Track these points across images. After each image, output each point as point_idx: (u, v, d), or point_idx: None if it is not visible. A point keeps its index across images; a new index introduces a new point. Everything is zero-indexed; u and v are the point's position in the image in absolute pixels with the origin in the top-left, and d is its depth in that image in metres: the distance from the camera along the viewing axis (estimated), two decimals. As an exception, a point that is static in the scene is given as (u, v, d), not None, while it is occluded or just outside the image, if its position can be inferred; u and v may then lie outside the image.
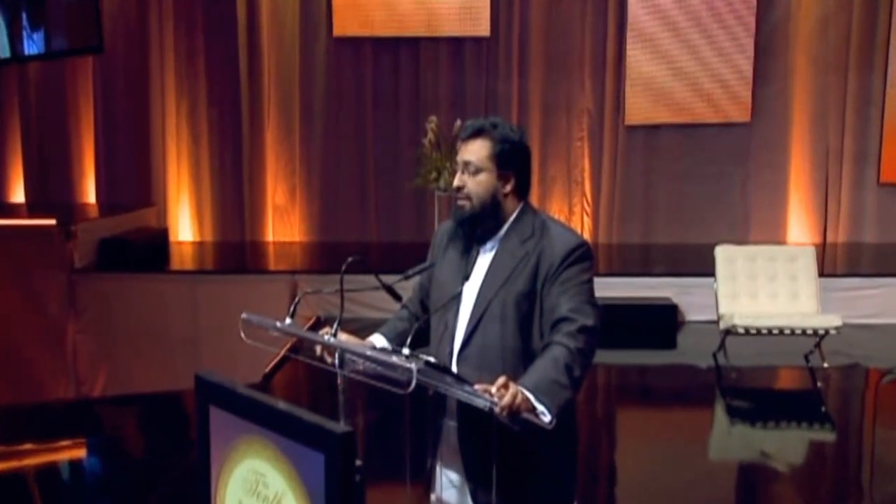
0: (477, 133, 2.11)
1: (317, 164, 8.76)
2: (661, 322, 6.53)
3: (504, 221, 2.11)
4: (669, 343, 6.46)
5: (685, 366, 6.04)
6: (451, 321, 2.12)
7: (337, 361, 2.00)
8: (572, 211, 8.53)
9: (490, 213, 2.10)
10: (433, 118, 6.58)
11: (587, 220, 8.57)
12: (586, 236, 8.30)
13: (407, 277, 2.18)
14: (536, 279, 2.05)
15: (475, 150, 2.10)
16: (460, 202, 2.12)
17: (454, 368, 2.07)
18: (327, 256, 8.21)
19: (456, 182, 2.12)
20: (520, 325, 2.04)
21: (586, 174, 8.59)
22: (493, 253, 2.12)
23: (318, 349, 2.09)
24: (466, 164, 2.10)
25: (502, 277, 2.06)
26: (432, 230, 7.07)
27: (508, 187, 2.12)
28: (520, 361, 2.02)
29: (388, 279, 2.16)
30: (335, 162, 8.76)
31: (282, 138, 8.74)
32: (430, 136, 6.49)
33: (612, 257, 7.95)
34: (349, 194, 8.78)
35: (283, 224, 8.78)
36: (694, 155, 8.53)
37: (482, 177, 2.09)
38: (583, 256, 2.08)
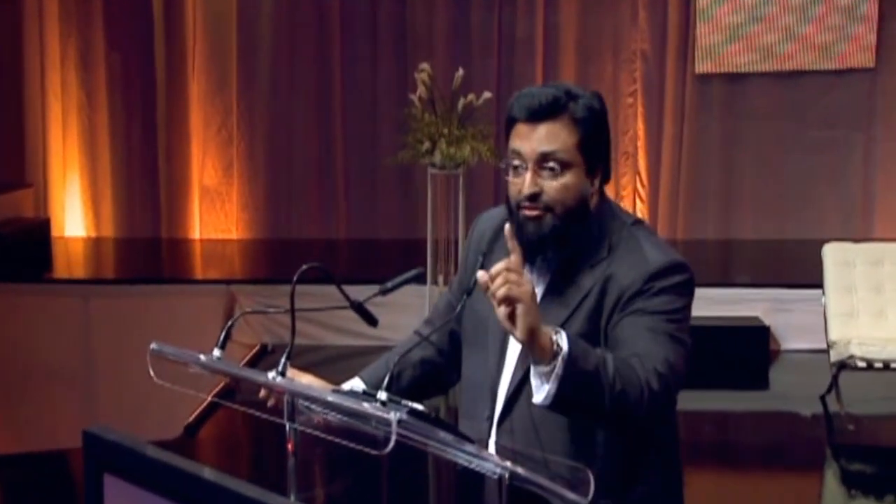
0: (554, 108, 2.02)
1: (262, 130, 8.74)
2: (747, 351, 6.51)
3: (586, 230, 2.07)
4: (759, 381, 6.44)
5: (782, 413, 6.03)
6: (492, 371, 2.09)
7: (286, 410, 1.98)
8: (620, 195, 8.50)
9: (577, 225, 2.05)
10: (425, 66, 6.54)
11: (641, 208, 8.55)
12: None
13: (385, 291, 2.15)
14: (601, 315, 2.02)
15: (557, 136, 2.02)
16: (530, 213, 2.03)
17: (492, 437, 2.06)
18: (276, 260, 8.19)
19: (528, 187, 2.02)
20: None
21: (640, 143, 8.58)
22: (547, 277, 2.09)
23: (262, 392, 2.08)
24: (544, 157, 2.02)
25: (560, 315, 2.04)
26: (422, 222, 7.16)
27: (596, 183, 2.09)
28: (582, 436, 2.01)
29: (360, 292, 2.14)
30: (287, 127, 8.73)
31: (212, 94, 8.72)
32: (422, 90, 6.45)
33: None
34: (307, 173, 8.77)
35: (216, 214, 8.77)
36: (794, 115, 8.51)
37: (569, 176, 2.03)
38: (672, 284, 2.01)
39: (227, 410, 5.53)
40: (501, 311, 1.81)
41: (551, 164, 2.03)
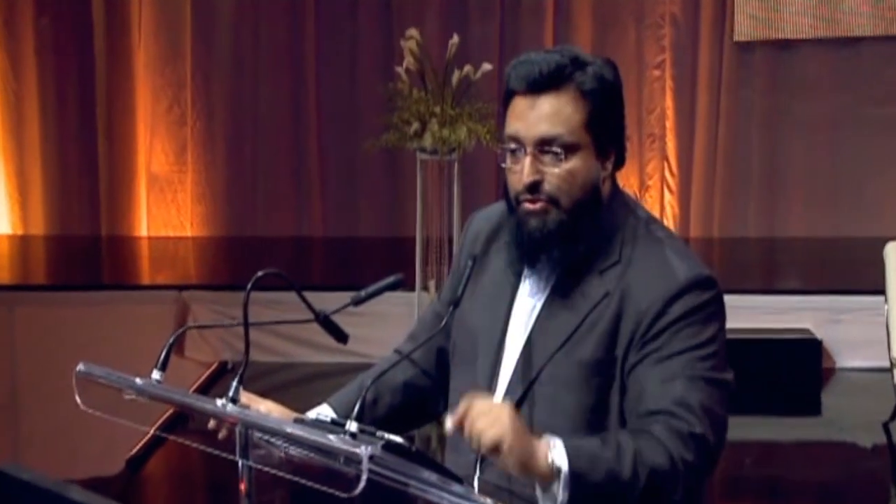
0: (557, 78, 2.04)
1: (221, 109, 8.72)
2: (795, 370, 6.50)
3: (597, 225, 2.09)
4: (810, 405, 6.44)
5: (836, 443, 6.02)
6: (481, 389, 2.11)
7: (238, 444, 1.97)
8: (645, 185, 8.51)
9: (588, 217, 2.07)
10: (414, 33, 6.53)
11: (670, 200, 8.55)
12: (669, 227, 8.26)
13: (358, 302, 2.15)
14: (616, 341, 2.04)
15: (560, 114, 2.04)
16: (532, 207, 2.06)
17: (477, 469, 2.08)
18: (237, 262, 8.17)
19: (526, 175, 2.04)
20: (589, 410, 2.05)
21: (669, 123, 8.57)
22: (550, 284, 2.11)
23: (212, 422, 2.08)
24: (545, 141, 2.04)
25: (562, 333, 2.06)
26: (411, 217, 7.13)
27: (609, 167, 2.11)
28: None
29: (337, 301, 2.14)
30: (252, 105, 8.72)
31: (162, 65, 8.71)
32: (410, 61, 6.44)
33: (713, 262, 7.92)
34: (275, 159, 8.75)
35: (166, 207, 8.76)
36: (852, 89, 8.50)
37: (575, 161, 2.06)
38: (699, 303, 2.04)
39: (177, 446, 5.51)
40: (485, 450, 1.86)
41: (554, 148, 2.04)
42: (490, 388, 2.12)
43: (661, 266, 2.06)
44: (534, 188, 2.04)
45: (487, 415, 1.86)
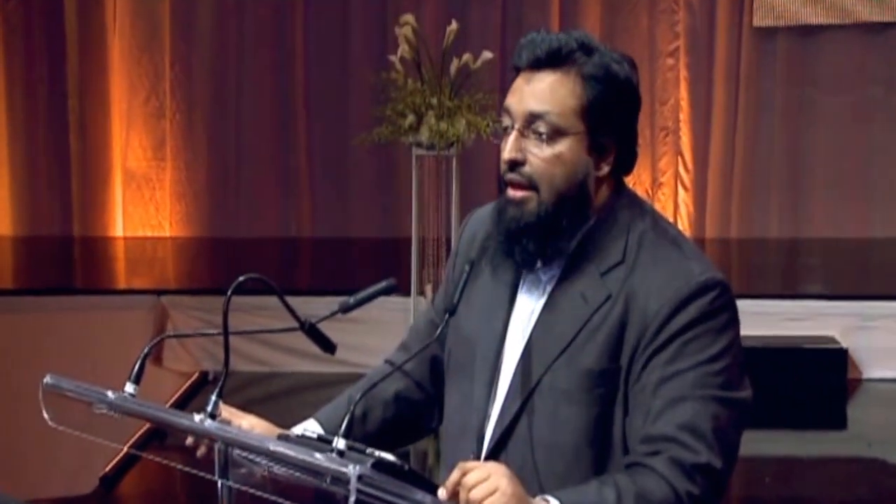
0: (556, 57, 2.07)
1: (202, 101, 8.73)
2: (819, 380, 6.51)
3: (584, 227, 2.10)
4: (835, 418, 6.45)
5: (863, 459, 6.02)
6: (478, 407, 2.14)
7: (217, 462, 1.97)
8: (658, 182, 8.51)
9: (571, 215, 2.08)
10: (409, 18, 6.53)
11: (685, 198, 8.57)
12: (684, 227, 8.28)
13: (346, 309, 2.15)
14: (620, 349, 2.04)
15: (554, 93, 2.07)
16: (514, 194, 2.08)
17: None
18: (220, 264, 8.17)
19: (508, 152, 2.07)
20: (591, 422, 2.05)
21: (684, 115, 8.58)
22: (549, 287, 2.11)
23: (189, 439, 2.09)
24: (532, 117, 2.06)
25: (562, 339, 2.06)
26: (406, 216, 7.12)
27: (605, 167, 2.10)
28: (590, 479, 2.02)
29: (327, 306, 2.15)
30: (235, 96, 8.72)
31: (138, 53, 8.71)
32: (405, 49, 6.44)
33: (731, 265, 7.93)
34: (260, 154, 8.75)
35: (143, 206, 8.77)
36: (880, 79, 8.51)
37: (563, 146, 2.07)
38: (711, 309, 2.03)
39: (155, 454, 5.51)
40: None
41: (540, 126, 2.05)
42: (488, 397, 2.12)
43: (669, 268, 2.05)
44: (514, 166, 2.06)
45: (484, 483, 1.85)
